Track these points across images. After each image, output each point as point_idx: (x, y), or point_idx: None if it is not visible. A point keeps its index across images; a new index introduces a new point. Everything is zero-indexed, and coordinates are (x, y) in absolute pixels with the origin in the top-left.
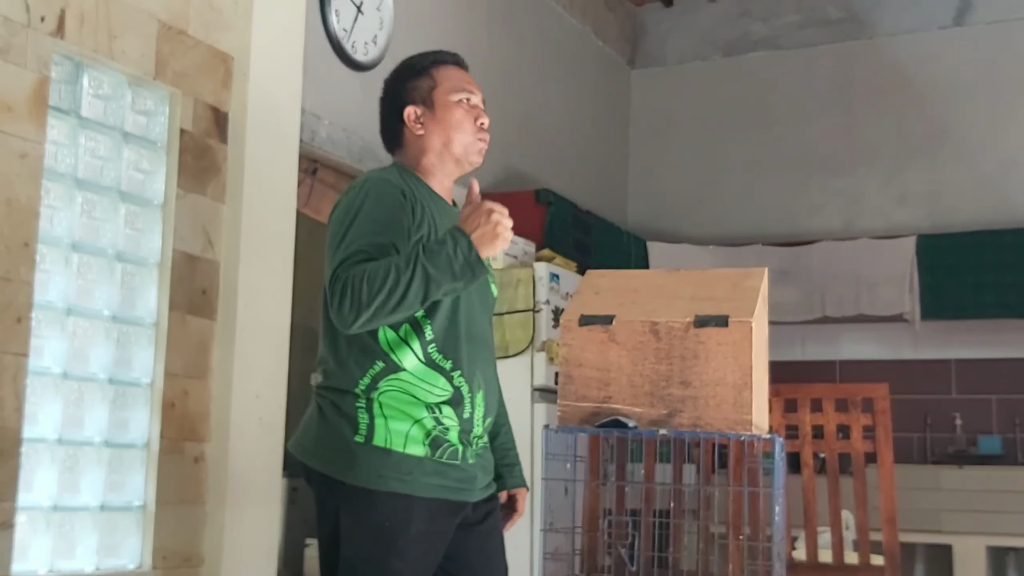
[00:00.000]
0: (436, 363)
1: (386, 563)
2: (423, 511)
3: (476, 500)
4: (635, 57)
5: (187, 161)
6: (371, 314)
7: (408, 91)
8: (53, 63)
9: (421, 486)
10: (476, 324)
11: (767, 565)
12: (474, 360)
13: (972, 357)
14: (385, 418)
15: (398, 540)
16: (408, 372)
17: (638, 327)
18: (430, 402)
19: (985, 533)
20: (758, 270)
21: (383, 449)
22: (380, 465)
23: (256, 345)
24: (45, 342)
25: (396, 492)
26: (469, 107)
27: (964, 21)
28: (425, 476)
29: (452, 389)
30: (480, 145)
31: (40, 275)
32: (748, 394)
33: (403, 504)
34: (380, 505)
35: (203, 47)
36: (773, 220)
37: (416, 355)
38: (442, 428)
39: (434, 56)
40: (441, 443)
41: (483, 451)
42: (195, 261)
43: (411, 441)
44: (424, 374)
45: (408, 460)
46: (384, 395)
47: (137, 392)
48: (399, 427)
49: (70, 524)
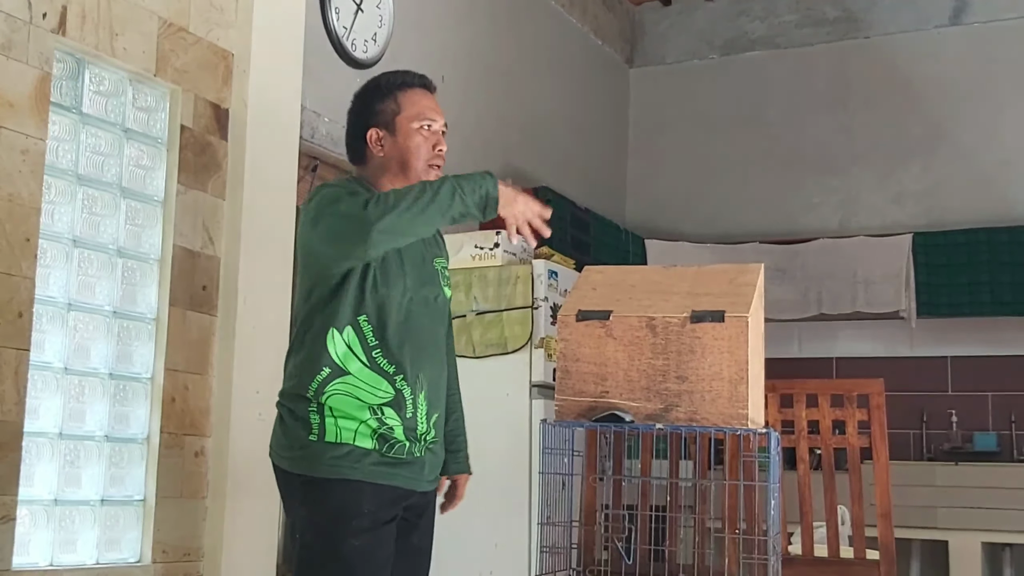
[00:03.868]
0: (380, 367)
1: (341, 543)
2: (373, 494)
3: (424, 490)
4: (633, 56)
5: (188, 157)
6: (399, 213)
7: (374, 112)
8: (55, 60)
9: (371, 472)
10: (422, 330)
11: (763, 559)
12: (417, 363)
13: (968, 354)
14: (335, 418)
15: (351, 521)
16: (352, 375)
17: (635, 322)
18: (373, 403)
19: (981, 529)
20: (754, 266)
21: (335, 443)
22: (332, 456)
23: (256, 341)
24: (46, 337)
25: (348, 479)
26: (428, 133)
27: (960, 20)
28: (374, 465)
29: (393, 392)
30: (434, 172)
31: (41, 270)
32: (744, 389)
33: (355, 488)
34: (334, 491)
35: (204, 44)
36: (770, 218)
37: (360, 360)
38: (387, 428)
39: (402, 78)
40: (388, 439)
41: (434, 445)
42: (195, 257)
43: (360, 435)
44: (367, 377)
45: (358, 451)
46: (331, 398)
47: (138, 387)
48: (348, 424)
49: (71, 518)
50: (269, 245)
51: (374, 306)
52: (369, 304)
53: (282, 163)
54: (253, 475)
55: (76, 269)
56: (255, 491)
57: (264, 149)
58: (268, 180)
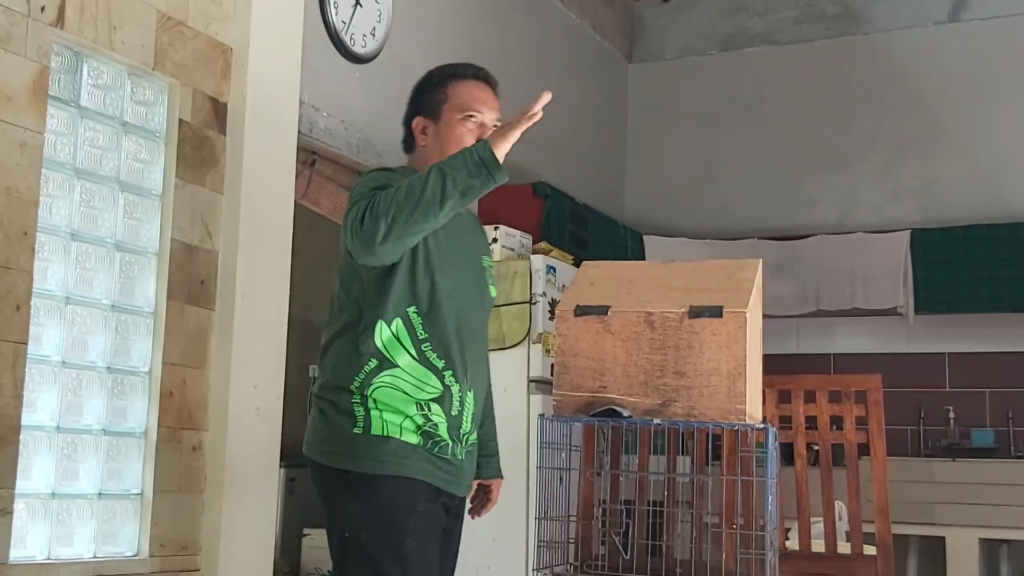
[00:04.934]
0: (430, 361)
1: (400, 542)
2: (424, 492)
3: (462, 495)
4: (632, 51)
5: (186, 152)
6: (391, 221)
7: (422, 101)
8: (53, 53)
9: (418, 470)
10: (471, 325)
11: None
12: (467, 360)
13: (966, 351)
14: (380, 410)
15: (408, 519)
16: (401, 368)
17: (633, 317)
18: (420, 399)
19: (978, 525)
20: (752, 261)
21: (381, 437)
22: (380, 451)
23: (254, 335)
24: (44, 330)
25: (398, 475)
26: (473, 125)
27: (959, 17)
28: (419, 462)
29: (442, 388)
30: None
31: (39, 264)
32: (742, 384)
33: (406, 486)
34: (385, 488)
35: (202, 38)
36: (768, 214)
37: (410, 353)
38: (432, 424)
39: (455, 69)
40: (432, 436)
41: (472, 448)
42: (193, 251)
43: (405, 430)
44: (416, 371)
45: (404, 446)
46: (377, 391)
47: (135, 381)
48: (393, 418)
49: (68, 511)
50: (267, 239)
51: (425, 297)
52: (420, 294)
53: (280, 158)
54: (251, 469)
55: (74, 262)
56: (253, 485)
57: (262, 143)
58: (266, 174)
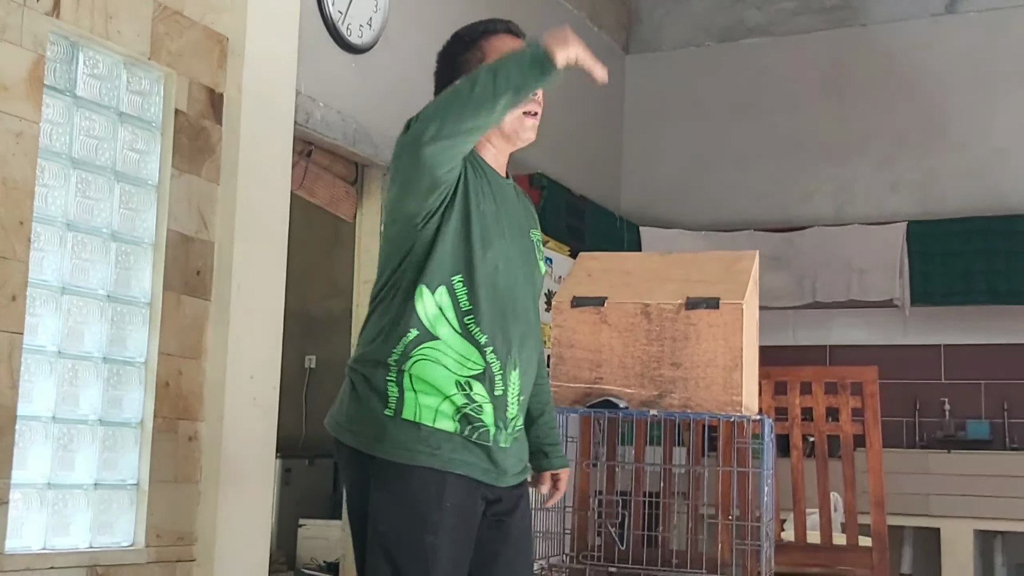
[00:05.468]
0: (472, 335)
1: (420, 538)
2: (454, 486)
3: (505, 486)
4: (630, 43)
5: (182, 142)
6: (441, 119)
7: (459, 64)
8: (49, 43)
9: (451, 461)
10: (518, 301)
11: (756, 545)
12: (511, 338)
13: (961, 343)
14: (415, 392)
15: (431, 515)
16: (441, 341)
17: (630, 309)
18: (461, 375)
19: (973, 517)
20: (749, 253)
21: (412, 423)
22: (409, 438)
23: (250, 325)
24: (40, 320)
25: (426, 466)
26: None
27: (956, 9)
28: (454, 452)
29: (484, 364)
30: (531, 121)
31: (35, 254)
32: (738, 375)
33: (434, 478)
34: (411, 479)
35: (199, 28)
36: (765, 206)
37: (451, 325)
38: (475, 406)
39: (484, 26)
40: (472, 421)
41: (519, 434)
42: (190, 241)
43: (441, 416)
44: (458, 344)
45: (437, 434)
46: (416, 365)
47: (131, 371)
48: (429, 401)
49: (64, 502)
50: (263, 230)
51: (472, 267)
52: (467, 264)
53: (276, 148)
54: (246, 459)
55: (70, 253)
56: (248, 475)
57: (258, 134)
58: (262, 165)
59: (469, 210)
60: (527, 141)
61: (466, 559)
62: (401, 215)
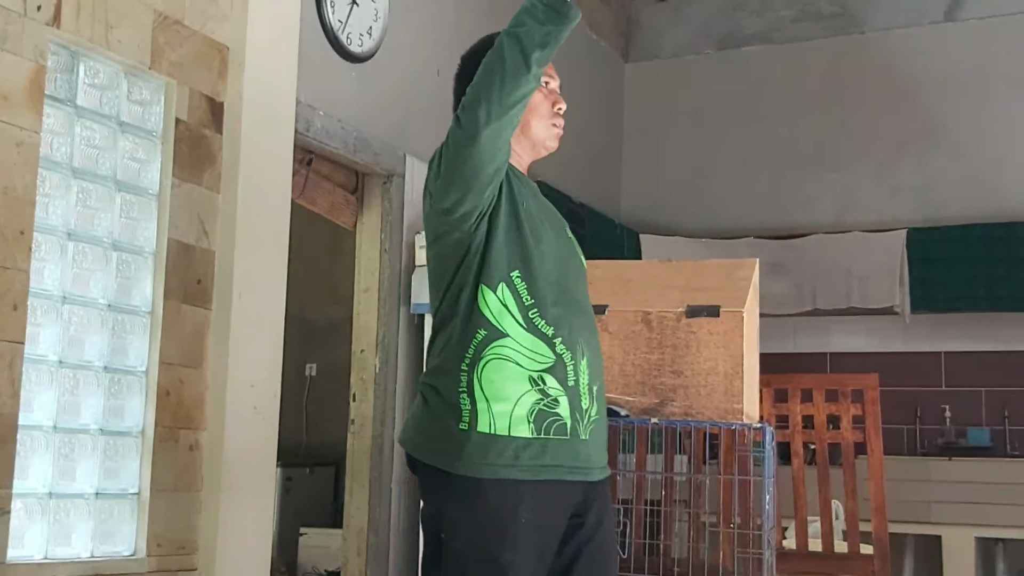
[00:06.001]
0: (538, 328)
1: (496, 555)
2: (533, 497)
3: (594, 480)
4: (629, 50)
5: (182, 151)
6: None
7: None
8: (49, 52)
9: (530, 469)
10: (575, 291)
11: (757, 553)
12: (575, 327)
13: (962, 350)
14: (488, 401)
15: (508, 530)
16: (511, 338)
17: (630, 317)
18: (533, 370)
19: (974, 524)
20: (749, 260)
21: (488, 435)
22: (486, 452)
23: (251, 334)
24: (41, 330)
25: (504, 478)
26: (547, 91)
27: (955, 16)
28: (533, 458)
29: (554, 357)
30: (555, 131)
31: (36, 263)
32: (739, 383)
33: (512, 491)
34: (488, 493)
35: (199, 37)
36: (765, 213)
37: (518, 321)
38: (550, 400)
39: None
40: (548, 416)
41: (596, 425)
42: (190, 250)
43: (516, 422)
44: (525, 339)
45: (515, 443)
46: (487, 367)
47: (132, 380)
48: (502, 408)
49: (65, 511)
50: (264, 239)
51: (525, 260)
52: (522, 258)
53: (277, 157)
54: (247, 468)
55: (71, 262)
56: (249, 484)
57: (259, 143)
58: (263, 174)
59: (516, 205)
60: (550, 150)
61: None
62: (456, 220)
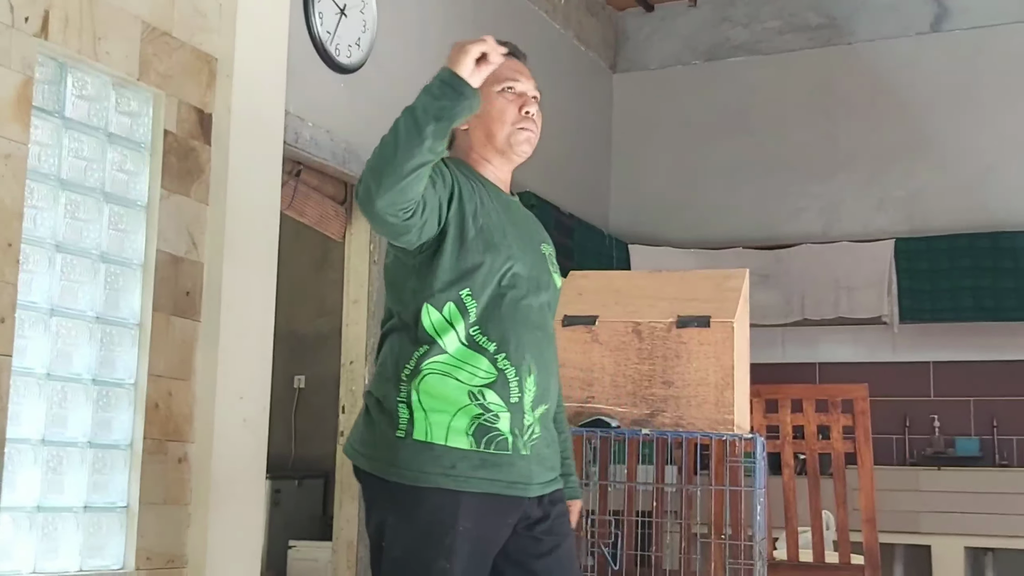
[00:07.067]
0: (479, 344)
1: (433, 563)
2: (470, 508)
3: (533, 496)
4: (617, 62)
5: (171, 162)
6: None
7: None
8: (37, 64)
9: (467, 481)
10: (530, 309)
11: (748, 564)
12: (524, 343)
13: (950, 360)
14: (425, 411)
15: (444, 539)
16: (449, 355)
17: (621, 327)
18: (473, 385)
19: (963, 534)
20: (739, 271)
21: (424, 443)
22: (422, 460)
23: (240, 346)
24: (29, 342)
25: (440, 487)
26: (513, 96)
27: (941, 27)
28: (472, 470)
29: (496, 372)
30: (524, 134)
31: (24, 275)
32: (730, 394)
33: (449, 500)
34: (424, 502)
35: (187, 49)
36: (753, 224)
37: (459, 336)
38: (490, 416)
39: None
40: (488, 431)
41: (537, 442)
42: (179, 262)
43: (453, 432)
44: (465, 356)
45: (452, 453)
46: (425, 380)
47: (121, 393)
48: (440, 419)
49: (54, 524)
50: (253, 250)
51: (474, 277)
52: (471, 275)
53: (265, 168)
54: (236, 481)
55: (59, 274)
56: (238, 497)
57: (247, 154)
58: (251, 185)
59: (465, 225)
60: (524, 155)
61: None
62: (399, 249)
